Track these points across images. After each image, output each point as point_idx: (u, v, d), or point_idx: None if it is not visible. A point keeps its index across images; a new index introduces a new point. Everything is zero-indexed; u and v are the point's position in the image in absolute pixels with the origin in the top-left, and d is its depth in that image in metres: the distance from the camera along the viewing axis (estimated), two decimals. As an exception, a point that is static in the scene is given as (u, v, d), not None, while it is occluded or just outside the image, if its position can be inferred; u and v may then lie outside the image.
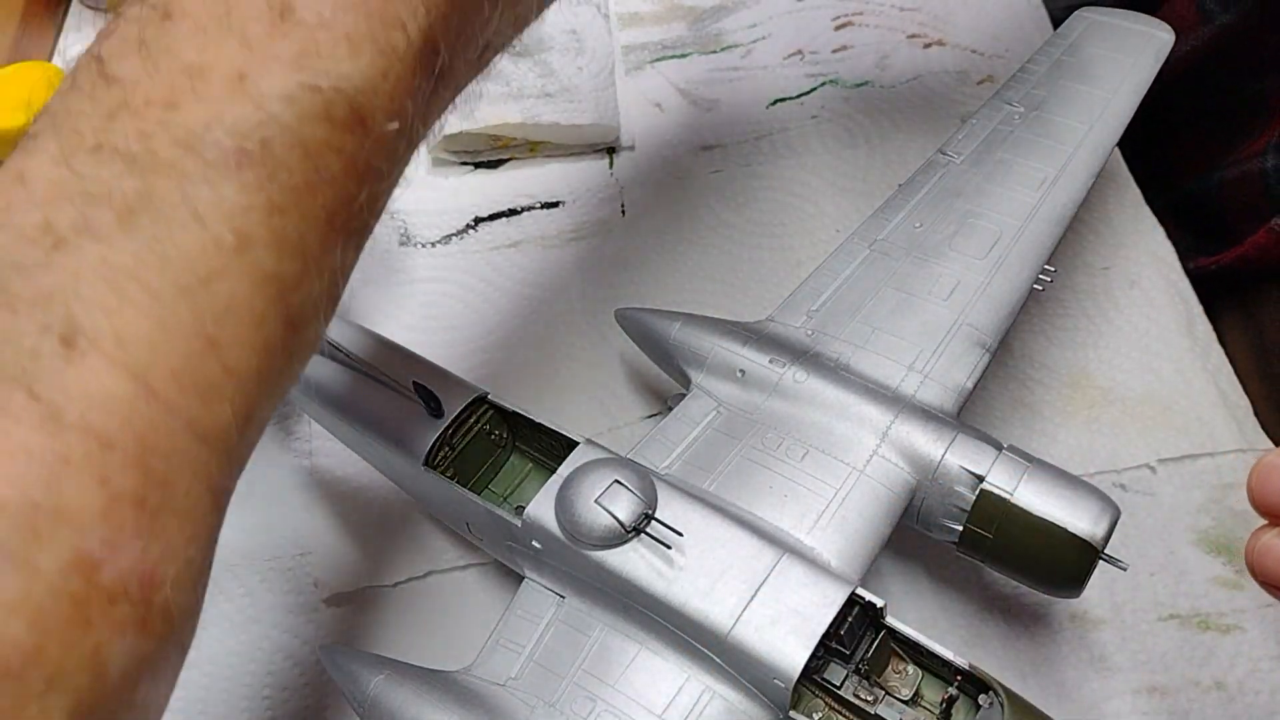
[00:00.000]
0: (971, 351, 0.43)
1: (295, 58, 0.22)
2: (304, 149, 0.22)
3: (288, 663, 0.46)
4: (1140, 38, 0.54)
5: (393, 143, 0.24)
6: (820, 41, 0.66)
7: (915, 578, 0.47)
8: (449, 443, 0.42)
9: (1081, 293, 0.55)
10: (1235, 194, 0.58)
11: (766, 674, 0.34)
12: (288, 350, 0.23)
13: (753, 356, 0.43)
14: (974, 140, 0.51)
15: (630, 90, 0.65)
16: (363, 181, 0.24)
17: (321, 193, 0.23)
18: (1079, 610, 0.46)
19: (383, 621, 0.47)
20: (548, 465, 0.44)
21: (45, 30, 0.73)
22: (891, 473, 0.40)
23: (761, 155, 0.61)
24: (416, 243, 0.59)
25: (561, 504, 0.37)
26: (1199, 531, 0.48)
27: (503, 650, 0.37)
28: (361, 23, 0.22)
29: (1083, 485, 0.39)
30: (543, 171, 0.61)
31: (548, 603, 0.39)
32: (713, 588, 0.35)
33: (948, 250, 0.46)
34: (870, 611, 0.36)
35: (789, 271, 0.56)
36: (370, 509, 0.50)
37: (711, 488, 0.40)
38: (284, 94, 0.22)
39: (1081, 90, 0.52)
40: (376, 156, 0.24)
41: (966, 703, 0.35)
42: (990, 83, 0.63)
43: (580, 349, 0.55)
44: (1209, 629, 0.46)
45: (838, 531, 0.38)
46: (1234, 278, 0.56)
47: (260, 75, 0.22)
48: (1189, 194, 0.62)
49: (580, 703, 0.35)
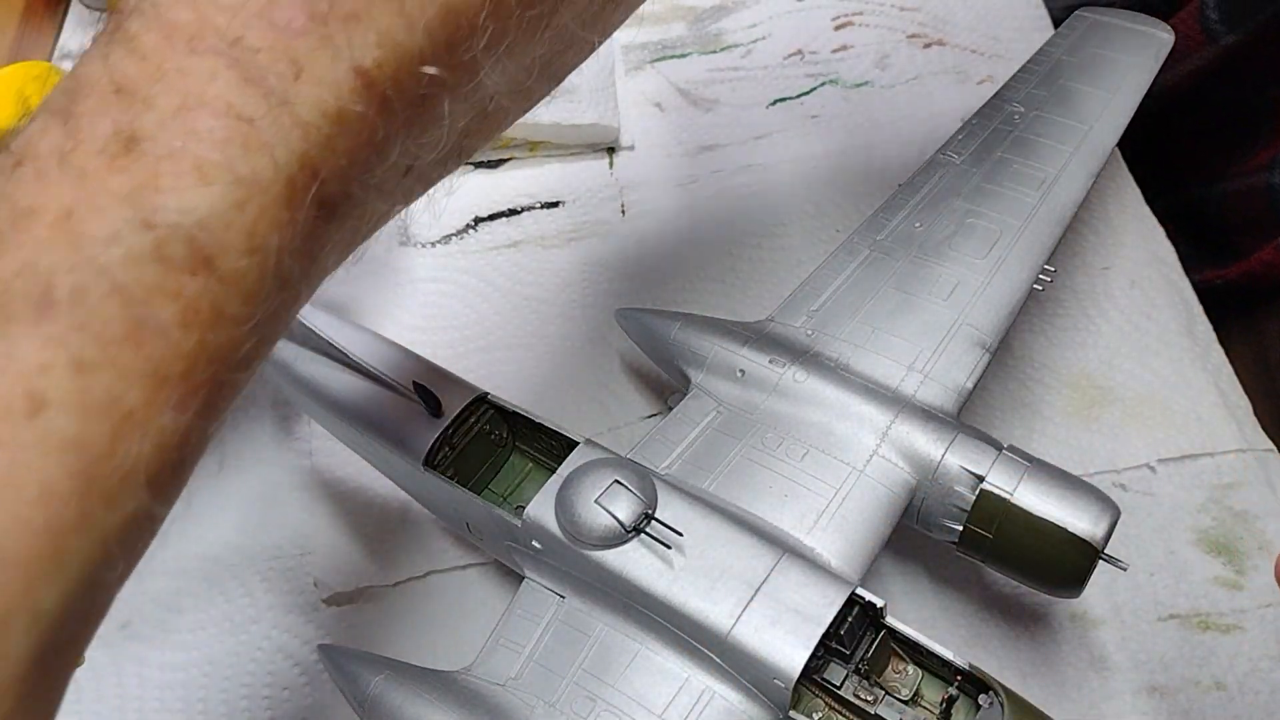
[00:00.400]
0: (971, 351, 0.43)
1: (131, 192, 0.20)
2: (124, 295, 0.19)
3: (288, 663, 0.46)
4: (1140, 38, 0.54)
5: (252, 284, 0.21)
6: (820, 41, 0.66)
7: (915, 578, 0.47)
8: (449, 443, 0.42)
9: (1081, 293, 0.55)
10: (1240, 207, 0.58)
11: (766, 674, 0.34)
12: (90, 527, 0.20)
13: (753, 356, 0.43)
14: (974, 140, 0.51)
15: (630, 90, 0.65)
16: (208, 329, 0.20)
17: (147, 345, 0.20)
18: (1079, 610, 0.46)
19: (383, 621, 0.47)
20: (548, 465, 0.44)
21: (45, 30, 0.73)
22: (891, 473, 0.40)
23: (761, 155, 0.61)
24: (416, 243, 0.59)
25: (561, 504, 0.37)
26: (1199, 531, 0.48)
27: (503, 650, 0.37)
28: (216, 150, 0.20)
29: (1083, 485, 0.39)
30: (543, 171, 0.61)
31: (548, 603, 0.39)
32: (713, 588, 0.35)
33: (948, 250, 0.46)
34: (870, 611, 0.36)
35: (789, 271, 0.56)
36: (370, 509, 0.50)
37: (711, 488, 0.40)
38: (108, 234, 0.19)
39: (1081, 90, 0.52)
40: (227, 300, 0.21)
41: (966, 703, 0.35)
42: (990, 83, 0.63)
43: (580, 349, 0.55)
44: (1209, 629, 0.46)
45: (838, 531, 0.38)
46: (1240, 293, 0.56)
47: (87, 214, 0.20)
48: (1190, 201, 0.62)
49: (580, 703, 0.35)
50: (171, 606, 0.48)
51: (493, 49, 0.24)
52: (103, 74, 0.21)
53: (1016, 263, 0.46)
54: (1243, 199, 0.58)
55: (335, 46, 0.21)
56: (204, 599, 0.48)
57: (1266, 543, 0.47)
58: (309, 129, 0.21)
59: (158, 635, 0.47)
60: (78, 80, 0.21)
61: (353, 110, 0.22)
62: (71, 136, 0.20)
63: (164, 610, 0.48)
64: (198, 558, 0.49)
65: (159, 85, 0.20)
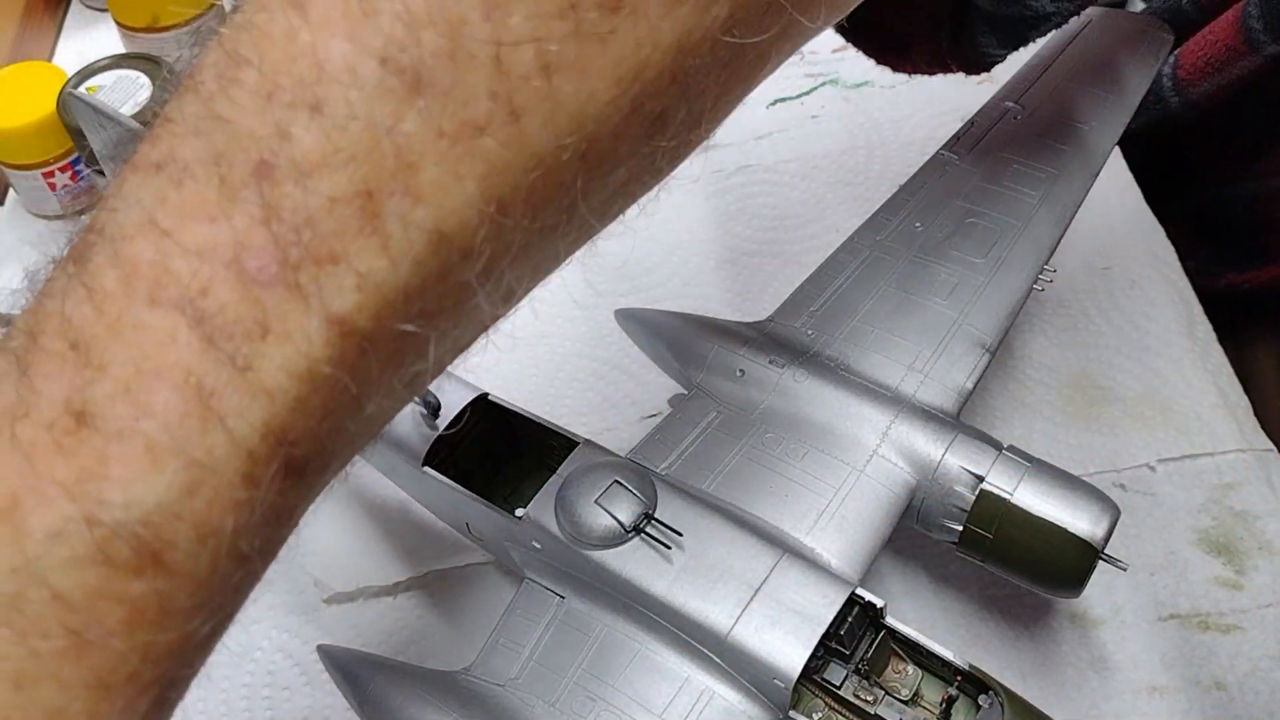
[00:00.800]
0: (971, 351, 0.43)
1: (75, 481, 0.18)
2: (65, 604, 0.18)
3: (288, 663, 0.46)
4: (1140, 38, 0.54)
5: (203, 574, 0.19)
6: (820, 41, 0.65)
7: (915, 578, 0.47)
8: (449, 443, 0.42)
9: (1081, 293, 0.55)
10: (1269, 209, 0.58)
11: (766, 674, 0.34)
12: None
13: (753, 356, 0.43)
14: (974, 140, 0.51)
15: (630, 90, 0.64)
16: (155, 630, 0.19)
17: (91, 655, 0.18)
18: (1079, 610, 0.46)
19: (383, 621, 0.47)
20: (548, 465, 0.44)
21: (45, 30, 0.73)
22: (891, 473, 0.40)
23: (761, 155, 0.61)
24: (416, 243, 0.59)
25: (561, 504, 0.37)
26: (1199, 531, 0.48)
27: (503, 650, 0.37)
28: (168, 431, 0.18)
29: (1083, 485, 0.39)
30: (543, 171, 0.61)
31: (548, 603, 0.38)
32: (712, 588, 0.35)
33: (948, 250, 0.46)
34: (870, 611, 0.36)
35: (789, 271, 0.56)
36: (370, 509, 0.50)
37: (711, 488, 0.40)
38: (51, 531, 0.18)
39: (1081, 90, 0.52)
40: (176, 594, 0.19)
41: (966, 703, 0.35)
42: (990, 83, 0.63)
43: (580, 349, 0.55)
44: (1209, 629, 0.46)
45: (837, 531, 0.38)
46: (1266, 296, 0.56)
47: (33, 504, 0.18)
48: (1216, 202, 0.62)
49: (580, 703, 0.35)
50: (171, 606, 0.48)
51: (492, 271, 0.21)
52: (59, 320, 0.19)
53: (1016, 263, 0.46)
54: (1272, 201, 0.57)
55: (307, 296, 0.19)
56: (204, 599, 0.48)
57: (1266, 543, 0.47)
58: (274, 395, 0.19)
59: (158, 635, 0.47)
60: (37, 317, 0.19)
61: (323, 371, 0.19)
62: (23, 401, 0.19)
63: (164, 610, 0.48)
64: (198, 558, 0.49)
65: (114, 344, 0.19)
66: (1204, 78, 0.52)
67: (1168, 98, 0.61)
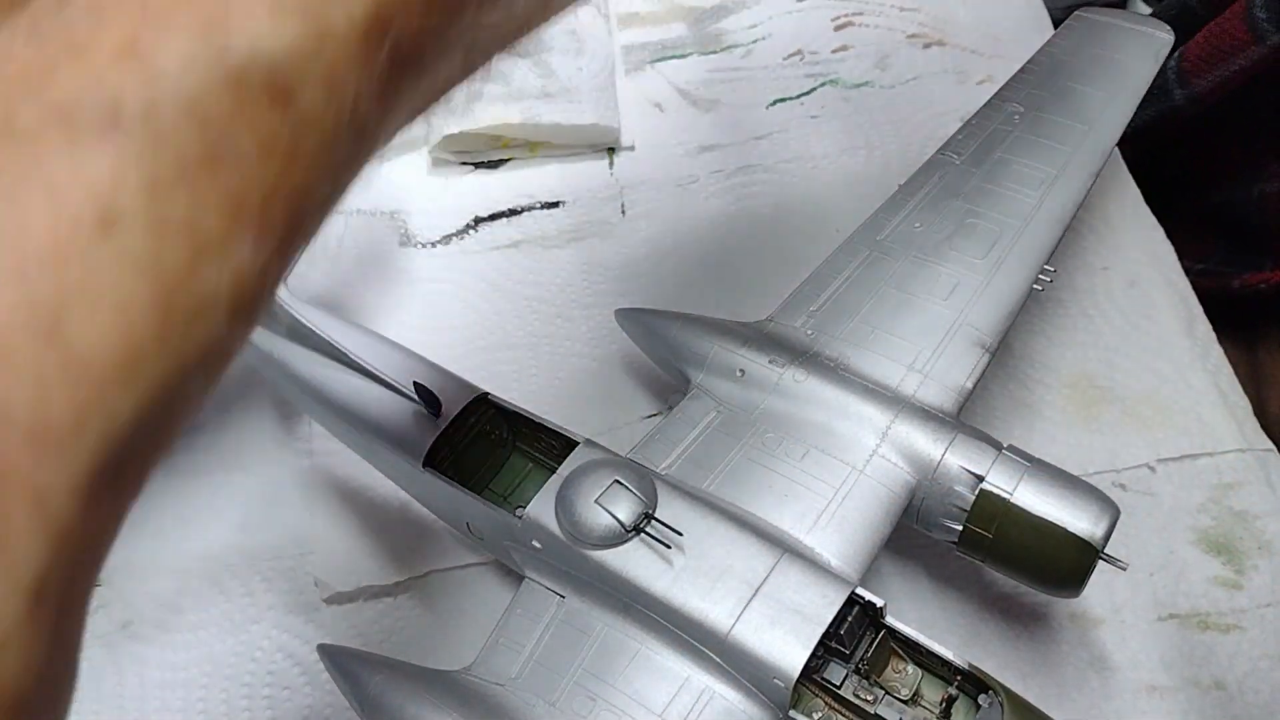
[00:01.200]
0: (971, 351, 0.43)
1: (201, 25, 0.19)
2: (200, 117, 0.19)
3: (288, 663, 0.46)
4: (1139, 38, 0.54)
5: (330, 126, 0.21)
6: (820, 42, 0.66)
7: (915, 578, 0.47)
8: (449, 443, 0.42)
9: (1081, 293, 0.55)
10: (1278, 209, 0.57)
11: (766, 674, 0.34)
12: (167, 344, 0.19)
13: (753, 356, 0.43)
14: (974, 140, 0.51)
15: (630, 90, 0.65)
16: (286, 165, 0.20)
17: (224, 172, 0.19)
18: (1079, 610, 0.46)
19: (382, 621, 0.47)
20: (548, 465, 0.44)
21: None
22: (891, 472, 0.40)
23: (761, 155, 0.61)
24: (416, 243, 0.59)
25: (561, 504, 0.37)
26: (1199, 531, 0.48)
27: (503, 650, 0.37)
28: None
29: (1082, 485, 0.39)
30: (543, 171, 0.61)
31: (548, 602, 0.39)
32: (712, 587, 0.35)
33: (948, 250, 0.46)
34: (870, 611, 0.36)
35: (789, 271, 0.56)
36: (370, 509, 0.50)
37: (711, 488, 0.40)
38: (180, 61, 0.19)
39: (1081, 90, 0.52)
40: (306, 139, 0.20)
41: (966, 703, 0.35)
42: (990, 83, 0.63)
43: (580, 349, 0.55)
44: (1209, 629, 0.46)
45: (837, 531, 0.38)
46: None
47: (155, 41, 0.19)
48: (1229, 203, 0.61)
49: (580, 702, 0.35)
50: (172, 606, 0.48)
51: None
52: None
53: (1016, 263, 0.46)
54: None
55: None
56: (204, 599, 0.48)
57: (1266, 543, 0.47)
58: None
59: (158, 635, 0.47)
60: None
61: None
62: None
63: (164, 610, 0.48)
64: (198, 557, 0.49)
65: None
66: (1209, 68, 0.52)
67: (1172, 91, 0.61)
